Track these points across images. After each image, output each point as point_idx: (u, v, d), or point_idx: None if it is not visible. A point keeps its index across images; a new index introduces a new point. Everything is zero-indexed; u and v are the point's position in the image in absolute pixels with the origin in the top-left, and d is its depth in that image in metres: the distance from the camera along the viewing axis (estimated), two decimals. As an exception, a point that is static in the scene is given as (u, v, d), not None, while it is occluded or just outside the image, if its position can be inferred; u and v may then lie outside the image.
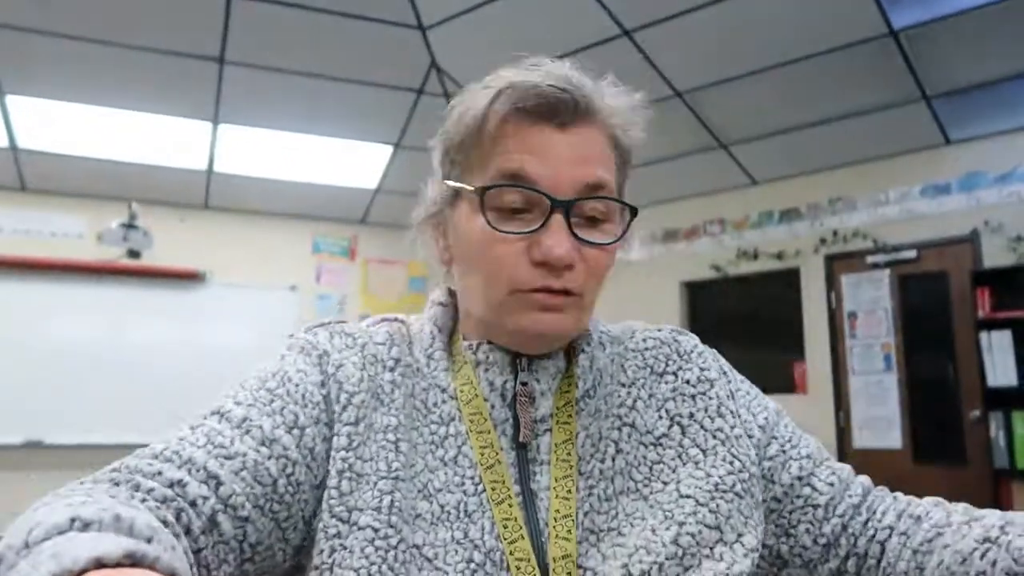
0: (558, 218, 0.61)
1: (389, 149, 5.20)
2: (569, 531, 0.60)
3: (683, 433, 0.67)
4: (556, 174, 0.61)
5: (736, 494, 0.63)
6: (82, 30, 3.87)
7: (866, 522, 0.67)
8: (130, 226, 5.43)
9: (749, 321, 5.13)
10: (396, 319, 0.73)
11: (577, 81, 0.63)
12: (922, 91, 4.01)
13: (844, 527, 0.66)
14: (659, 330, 0.75)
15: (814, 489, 0.67)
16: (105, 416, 5.31)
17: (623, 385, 0.69)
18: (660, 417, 0.68)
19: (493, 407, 0.65)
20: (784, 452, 0.68)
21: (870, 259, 4.62)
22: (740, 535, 0.62)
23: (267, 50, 4.11)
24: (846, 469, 0.70)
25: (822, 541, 0.66)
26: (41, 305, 5.34)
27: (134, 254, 5.53)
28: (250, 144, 5.09)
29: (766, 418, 0.70)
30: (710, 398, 0.69)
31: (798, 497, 0.67)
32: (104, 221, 5.46)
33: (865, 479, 0.71)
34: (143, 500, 0.49)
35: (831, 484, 0.68)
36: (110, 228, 5.41)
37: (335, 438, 0.61)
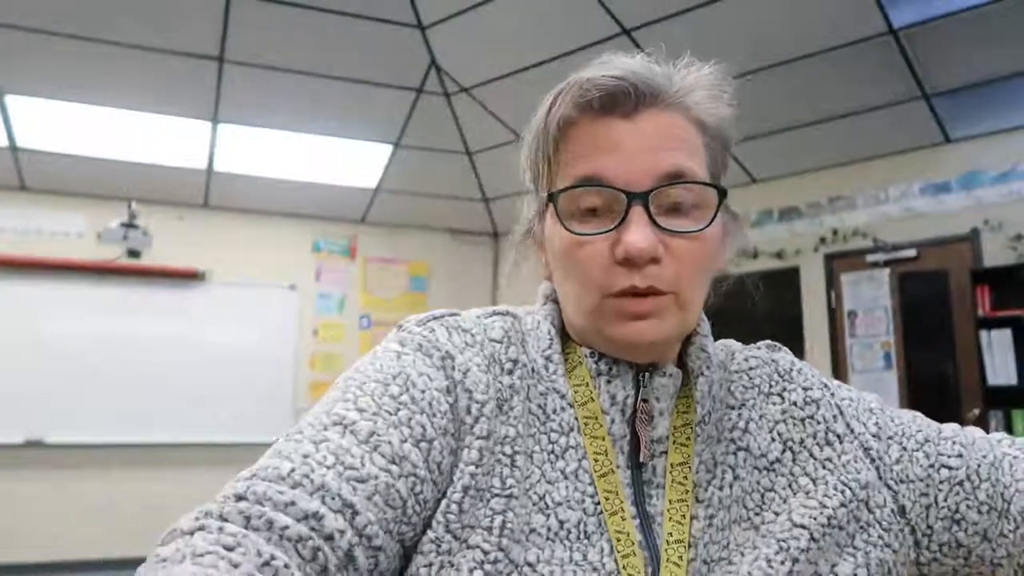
0: (638, 210, 0.58)
1: (389, 148, 5.19)
2: (680, 557, 0.58)
3: (794, 460, 0.64)
4: (629, 167, 0.59)
5: (840, 526, 0.61)
6: (82, 30, 3.87)
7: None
8: (130, 225, 5.43)
9: (749, 320, 5.13)
10: (508, 313, 0.69)
11: (637, 67, 0.60)
12: (922, 89, 4.00)
13: (1005, 486, 0.65)
14: (757, 348, 0.73)
15: (949, 468, 0.65)
16: (105, 415, 5.31)
17: (732, 407, 0.66)
18: (773, 440, 0.65)
19: (613, 421, 0.62)
20: (905, 449, 0.66)
21: (870, 258, 4.62)
22: (833, 566, 0.59)
23: (266, 49, 4.11)
24: (959, 432, 0.68)
25: (985, 509, 0.64)
26: (41, 305, 5.34)
27: (134, 253, 5.53)
28: (250, 143, 5.09)
29: (876, 423, 0.67)
30: (818, 422, 0.66)
31: (941, 483, 0.65)
32: (104, 220, 5.47)
33: (971, 430, 0.69)
34: (279, 539, 0.48)
35: (960, 455, 0.66)
36: (110, 227, 5.41)
37: (465, 451, 0.58)
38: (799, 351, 4.80)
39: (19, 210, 5.48)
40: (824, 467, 0.63)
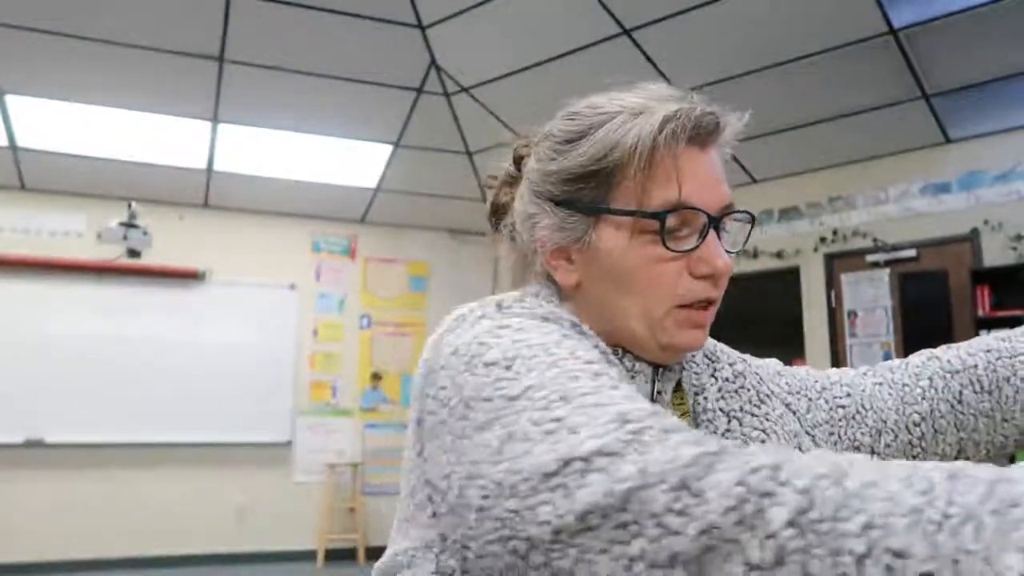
0: (713, 233, 0.66)
1: (388, 148, 5.19)
2: None
3: (741, 425, 0.73)
4: (708, 194, 0.66)
5: None
6: (82, 30, 3.87)
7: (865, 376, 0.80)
8: (130, 225, 5.43)
9: (749, 320, 5.13)
10: None
11: (715, 108, 0.69)
12: (922, 90, 4.01)
13: (881, 410, 0.78)
14: None
15: (843, 407, 0.79)
16: (105, 415, 5.31)
17: (696, 393, 0.75)
18: (718, 415, 0.74)
19: None
20: (811, 400, 0.79)
21: (870, 258, 4.62)
22: None
23: (266, 49, 4.11)
24: (843, 375, 0.82)
25: (874, 432, 0.77)
26: (41, 305, 5.34)
27: (134, 253, 5.53)
28: (250, 143, 5.09)
29: (787, 382, 0.80)
30: (748, 389, 0.76)
31: (840, 420, 0.78)
32: (104, 220, 5.46)
33: (846, 370, 0.84)
34: None
35: (848, 395, 0.79)
36: (110, 227, 5.41)
37: None
38: (799, 351, 4.80)
39: (19, 210, 5.48)
40: (767, 420, 0.74)
